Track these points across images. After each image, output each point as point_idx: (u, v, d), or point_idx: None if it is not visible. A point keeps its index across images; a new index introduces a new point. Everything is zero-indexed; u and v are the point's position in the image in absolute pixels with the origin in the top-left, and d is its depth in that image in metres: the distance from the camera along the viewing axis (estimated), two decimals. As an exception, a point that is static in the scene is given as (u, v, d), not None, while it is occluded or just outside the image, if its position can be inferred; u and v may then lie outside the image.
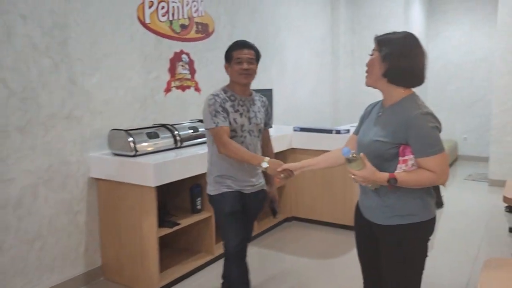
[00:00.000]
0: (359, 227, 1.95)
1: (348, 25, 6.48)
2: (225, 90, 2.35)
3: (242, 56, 2.26)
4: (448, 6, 7.55)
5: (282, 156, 4.01)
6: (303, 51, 5.62)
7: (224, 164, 2.33)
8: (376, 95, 1.84)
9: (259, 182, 2.43)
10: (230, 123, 2.26)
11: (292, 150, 4.19)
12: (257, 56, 2.33)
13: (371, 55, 1.74)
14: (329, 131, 4.15)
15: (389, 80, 1.71)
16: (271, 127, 2.57)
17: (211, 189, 2.37)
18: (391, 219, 1.75)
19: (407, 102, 1.71)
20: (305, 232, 4.14)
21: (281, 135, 4.06)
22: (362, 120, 1.93)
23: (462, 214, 4.62)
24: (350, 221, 2.03)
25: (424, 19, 7.37)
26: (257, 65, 2.33)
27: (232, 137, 2.27)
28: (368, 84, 1.79)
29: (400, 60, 1.67)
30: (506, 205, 4.72)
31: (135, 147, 2.86)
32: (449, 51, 7.52)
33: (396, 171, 1.68)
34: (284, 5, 5.12)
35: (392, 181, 1.64)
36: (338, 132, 4.09)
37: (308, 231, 4.17)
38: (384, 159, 1.70)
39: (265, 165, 2.14)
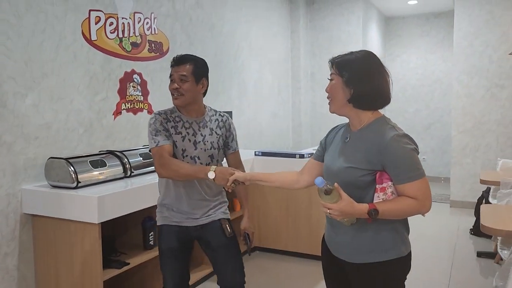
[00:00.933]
0: (328, 265, 1.73)
1: (308, 48, 6.43)
2: (172, 110, 2.10)
3: (173, 74, 2.02)
4: (404, 31, 7.69)
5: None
6: (264, 72, 5.45)
7: (163, 190, 2.12)
8: (338, 118, 1.67)
9: (210, 214, 2.12)
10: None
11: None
12: (198, 71, 2.01)
13: (331, 79, 1.58)
14: (292, 155, 3.94)
15: (355, 105, 1.54)
16: (235, 150, 2.22)
17: (157, 220, 2.17)
18: (365, 256, 1.54)
19: (378, 125, 1.54)
20: (269, 263, 3.87)
21: (243, 160, 3.79)
22: (325, 146, 1.74)
23: (427, 238, 4.49)
24: (317, 251, 1.82)
25: (381, 43, 7.46)
26: (198, 82, 2.01)
27: None
28: (332, 111, 1.61)
29: (364, 83, 1.51)
30: (470, 227, 4.67)
31: (76, 178, 2.51)
32: (406, 74, 7.63)
33: (375, 201, 1.47)
34: (244, 24, 4.95)
35: (373, 212, 1.43)
36: (301, 156, 3.89)
37: (272, 262, 3.90)
38: (356, 187, 1.50)
39: (211, 175, 1.87)
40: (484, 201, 4.46)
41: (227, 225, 2.12)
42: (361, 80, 1.51)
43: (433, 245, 4.31)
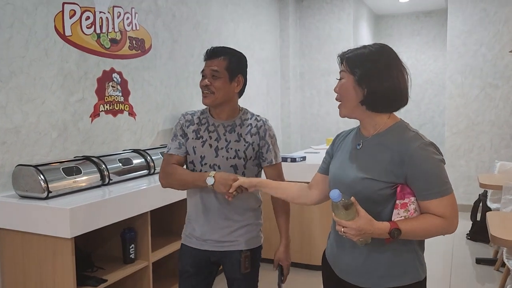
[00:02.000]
0: (331, 287, 1.52)
1: (298, 46, 6.24)
2: (204, 110, 1.87)
3: (205, 69, 1.77)
4: (394, 29, 7.57)
5: (232, 188, 3.53)
6: (251, 72, 5.24)
7: (188, 204, 1.88)
8: (330, 119, 1.47)
9: (230, 240, 1.80)
10: (188, 152, 1.80)
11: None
12: (233, 67, 1.75)
13: (340, 78, 1.36)
14: (283, 159, 3.74)
15: (369, 108, 1.33)
16: (271, 163, 1.81)
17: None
18: (379, 280, 1.34)
19: (399, 131, 1.33)
20: (266, 274, 3.65)
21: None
22: (331, 155, 1.53)
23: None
24: (309, 260, 1.62)
25: (372, 42, 7.28)
26: (232, 79, 1.75)
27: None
28: (343, 115, 1.40)
29: (380, 81, 1.29)
30: (467, 232, 4.52)
31: (47, 187, 2.27)
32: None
33: (395, 219, 1.27)
34: (231, 22, 4.73)
35: (396, 233, 1.23)
36: (293, 160, 3.70)
37: (270, 273, 3.68)
38: (373, 202, 1.29)
39: (210, 181, 1.64)
40: (481, 204, 4.32)
41: (246, 260, 1.79)
42: (376, 78, 1.30)
43: (429, 251, 4.12)
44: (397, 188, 1.27)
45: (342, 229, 1.23)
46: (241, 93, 1.84)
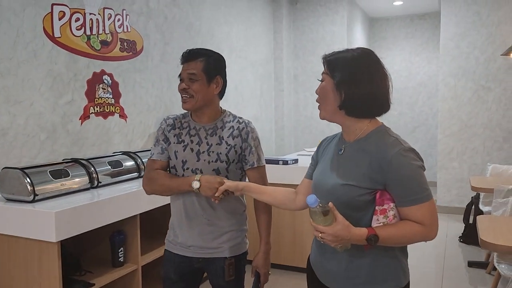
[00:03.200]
0: None
1: (291, 49, 6.24)
2: (185, 114, 1.84)
3: (182, 73, 1.74)
4: (388, 32, 7.58)
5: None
6: (245, 74, 5.23)
7: (172, 210, 1.85)
8: (322, 121, 1.47)
9: (213, 246, 1.76)
10: (169, 157, 1.77)
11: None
12: (210, 68, 1.70)
13: (321, 80, 1.34)
14: (275, 162, 3.73)
15: (347, 112, 1.31)
16: (253, 166, 1.77)
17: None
18: (360, 287, 1.32)
19: (379, 136, 1.32)
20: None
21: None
22: (317, 160, 1.51)
23: (415, 247, 4.32)
24: (301, 263, 1.61)
25: (365, 44, 7.31)
26: (210, 81, 1.71)
27: None
28: (322, 118, 1.38)
29: (357, 87, 1.27)
30: (459, 235, 4.52)
31: (33, 190, 2.24)
32: (391, 76, 7.49)
33: (374, 225, 1.26)
34: (224, 24, 4.72)
35: (373, 239, 1.21)
36: (285, 162, 3.68)
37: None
38: (352, 208, 1.28)
39: (196, 185, 1.62)
40: (473, 207, 4.32)
41: (230, 267, 1.75)
42: (354, 84, 1.28)
43: (421, 254, 4.13)
44: (376, 194, 1.26)
45: (320, 235, 1.22)
46: (221, 94, 1.80)
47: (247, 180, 1.83)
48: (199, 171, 1.72)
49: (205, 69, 1.70)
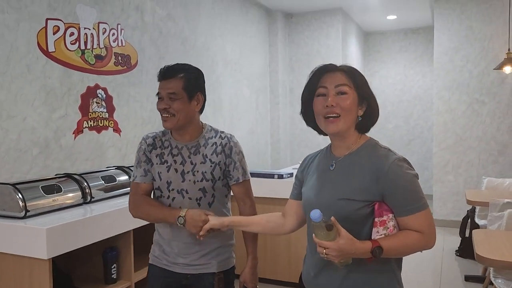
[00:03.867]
0: None
1: (287, 62, 6.27)
2: (165, 132, 1.79)
3: (161, 91, 1.68)
4: (382, 46, 7.64)
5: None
6: (240, 87, 5.24)
7: (158, 227, 1.83)
8: (318, 134, 1.45)
9: (202, 263, 1.74)
10: (153, 178, 1.73)
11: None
12: (190, 85, 1.66)
13: (342, 93, 1.30)
14: (270, 175, 3.71)
15: (357, 127, 1.35)
16: (238, 181, 1.75)
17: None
18: None
19: (370, 149, 1.33)
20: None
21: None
22: (302, 179, 1.48)
23: (411, 260, 4.29)
24: (296, 278, 1.59)
25: (360, 58, 7.37)
26: (191, 98, 1.67)
27: (157, 198, 1.75)
28: (337, 131, 1.32)
29: (374, 101, 1.35)
30: (456, 248, 4.50)
31: (24, 206, 2.21)
32: (385, 89, 7.55)
33: (375, 237, 1.25)
34: (219, 38, 4.74)
35: (378, 251, 1.20)
36: (280, 176, 3.67)
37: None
38: (352, 222, 1.27)
39: (180, 221, 1.60)
40: (469, 220, 4.30)
41: (219, 283, 1.74)
42: (373, 99, 1.34)
43: (418, 268, 4.11)
44: (374, 206, 1.26)
45: (324, 251, 1.20)
46: (201, 110, 1.77)
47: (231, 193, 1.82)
48: (185, 191, 1.70)
49: (186, 87, 1.65)
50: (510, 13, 4.98)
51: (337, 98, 1.30)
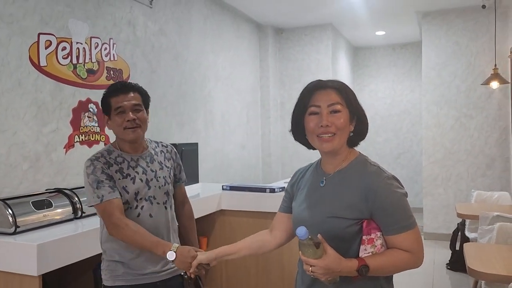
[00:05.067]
0: None
1: (277, 77, 6.32)
2: (109, 150, 1.82)
3: (123, 104, 1.74)
4: (371, 61, 7.75)
5: (210, 219, 3.48)
6: (232, 102, 5.26)
7: (115, 245, 1.79)
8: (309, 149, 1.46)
9: (170, 267, 1.83)
10: (120, 193, 1.73)
11: (222, 212, 3.67)
12: (146, 100, 1.83)
13: (336, 111, 1.30)
14: (262, 190, 3.70)
15: (348, 142, 1.35)
16: (184, 182, 2.03)
17: (104, 278, 1.84)
18: None
19: (360, 165, 1.33)
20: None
21: (209, 195, 3.55)
22: (292, 193, 1.48)
23: (403, 274, 4.30)
24: None
25: (350, 72, 7.46)
26: (146, 111, 1.83)
27: (124, 211, 1.73)
28: (333, 149, 1.33)
29: (364, 114, 1.36)
30: (447, 262, 4.51)
31: (14, 222, 2.18)
32: (375, 103, 7.63)
33: (362, 255, 1.25)
34: (211, 53, 4.77)
35: (364, 269, 1.20)
36: (272, 190, 3.66)
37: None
38: (341, 239, 1.27)
39: (171, 256, 1.61)
40: (459, 233, 4.33)
41: (188, 281, 1.82)
42: (363, 115, 1.35)
43: (409, 281, 4.10)
44: (363, 223, 1.26)
45: (310, 268, 1.19)
46: None
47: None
48: (153, 197, 1.80)
49: (143, 100, 1.81)
50: (496, 30, 5.10)
51: (331, 117, 1.30)
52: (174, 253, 1.61)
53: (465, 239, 4.05)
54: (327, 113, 1.30)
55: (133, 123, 1.73)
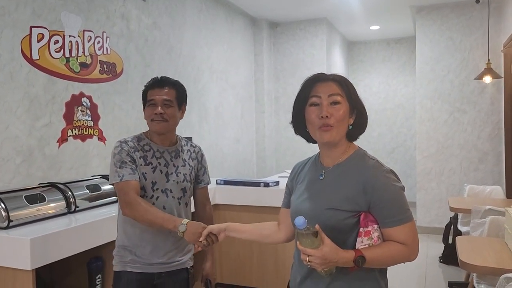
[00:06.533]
0: None
1: (272, 71, 6.31)
2: (139, 137, 1.89)
3: (155, 98, 1.82)
4: (366, 56, 7.75)
5: (204, 214, 3.48)
6: (226, 96, 5.25)
7: (127, 231, 1.85)
8: (303, 143, 1.47)
9: (177, 260, 1.88)
10: (139, 178, 1.79)
11: (216, 206, 3.68)
12: (180, 96, 1.88)
13: (335, 103, 1.31)
14: (256, 184, 3.71)
15: (348, 136, 1.36)
16: (206, 184, 2.06)
17: (114, 263, 1.90)
18: None
19: (359, 159, 1.34)
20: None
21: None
22: (292, 187, 1.50)
23: (396, 267, 4.34)
24: (283, 286, 1.60)
25: (344, 67, 7.46)
26: (179, 108, 1.89)
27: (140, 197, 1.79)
28: (331, 140, 1.33)
29: (363, 108, 1.37)
30: (439, 255, 4.55)
31: (7, 216, 2.17)
32: (369, 98, 7.64)
33: (359, 247, 1.26)
34: (205, 47, 4.75)
35: (360, 260, 1.21)
36: (266, 184, 3.67)
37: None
38: (338, 231, 1.28)
39: (182, 228, 1.65)
40: (452, 227, 4.37)
41: (192, 277, 1.91)
42: (362, 107, 1.35)
43: (402, 275, 4.14)
44: (360, 216, 1.27)
45: (307, 258, 1.21)
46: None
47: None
48: (169, 191, 1.84)
49: (178, 97, 1.86)
50: (489, 25, 5.12)
51: (330, 108, 1.31)
52: (185, 226, 1.65)
53: (458, 233, 4.08)
54: (327, 104, 1.31)
55: (160, 116, 1.80)
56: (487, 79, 4.73)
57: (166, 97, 1.82)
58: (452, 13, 5.49)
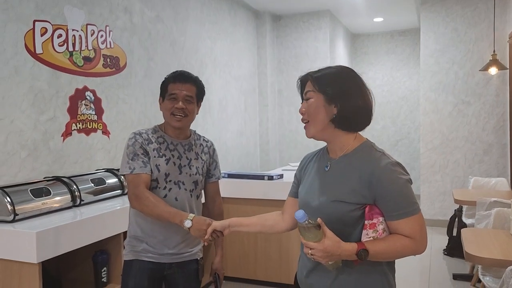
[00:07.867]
0: None
1: (275, 64, 6.29)
2: (155, 129, 1.92)
3: (177, 92, 1.83)
4: (369, 48, 7.71)
5: (209, 207, 3.49)
6: (229, 89, 5.24)
7: (139, 222, 1.87)
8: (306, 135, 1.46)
9: (187, 251, 1.90)
10: (151, 170, 1.80)
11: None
12: (200, 93, 1.90)
13: (307, 99, 1.34)
14: (260, 177, 3.72)
15: (337, 126, 1.33)
16: (218, 179, 2.06)
17: (125, 253, 1.91)
18: None
19: (365, 151, 1.33)
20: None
21: (207, 183, 3.55)
22: (300, 178, 1.51)
23: (400, 260, 4.34)
24: (288, 279, 1.59)
25: (348, 59, 7.43)
26: (198, 104, 1.90)
27: (152, 189, 1.81)
28: (311, 136, 1.37)
29: (351, 100, 1.31)
30: (444, 247, 4.55)
31: (13, 210, 2.18)
32: (373, 90, 7.44)
33: (364, 240, 1.25)
34: (208, 40, 4.74)
35: (363, 254, 1.21)
36: (270, 178, 3.67)
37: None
38: (343, 224, 1.27)
39: (188, 224, 1.67)
40: (456, 220, 4.36)
41: (202, 268, 1.95)
42: (346, 96, 1.31)
43: (406, 267, 4.15)
44: (365, 208, 1.26)
45: (310, 251, 1.20)
46: None
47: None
48: (182, 183, 1.86)
49: (197, 93, 1.88)
50: (495, 16, 5.07)
51: (305, 104, 1.36)
52: (191, 221, 1.67)
53: (462, 225, 4.07)
54: (305, 101, 1.37)
55: (181, 111, 1.82)
56: (493, 70, 4.70)
57: (187, 92, 1.83)
58: (456, 4, 5.44)
